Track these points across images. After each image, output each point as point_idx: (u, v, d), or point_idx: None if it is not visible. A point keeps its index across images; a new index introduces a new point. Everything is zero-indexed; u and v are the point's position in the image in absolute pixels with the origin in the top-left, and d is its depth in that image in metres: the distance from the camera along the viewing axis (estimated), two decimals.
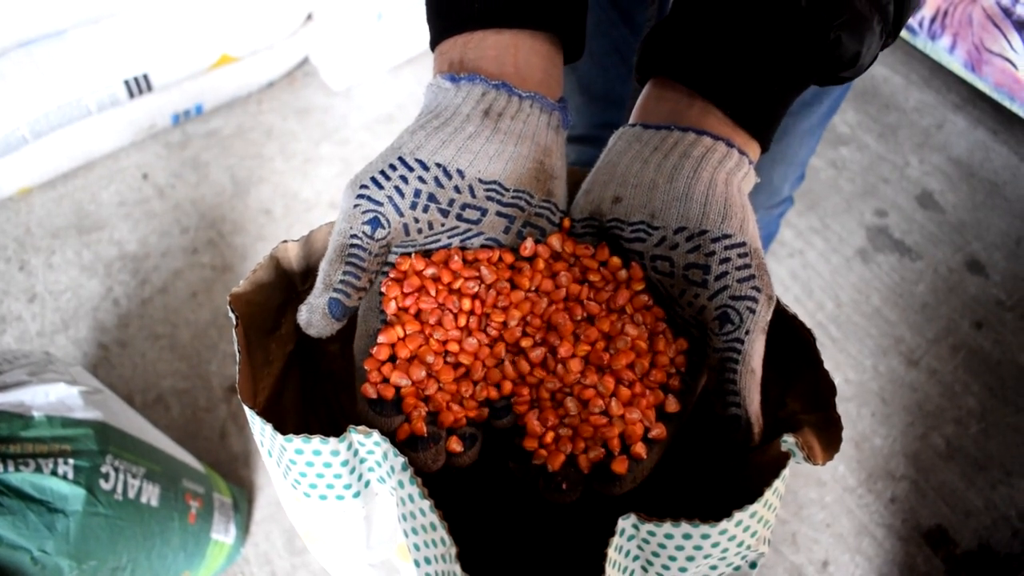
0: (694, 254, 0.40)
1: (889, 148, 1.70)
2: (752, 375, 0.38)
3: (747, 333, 0.38)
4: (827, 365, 1.36)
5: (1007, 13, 1.44)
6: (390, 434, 0.38)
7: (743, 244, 0.40)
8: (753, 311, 0.39)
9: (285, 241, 0.42)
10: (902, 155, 1.69)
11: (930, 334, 1.41)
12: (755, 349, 0.39)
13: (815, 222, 1.57)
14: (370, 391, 0.39)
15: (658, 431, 0.40)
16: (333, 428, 0.37)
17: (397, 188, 0.41)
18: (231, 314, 0.39)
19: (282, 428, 0.36)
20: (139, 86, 1.46)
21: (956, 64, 1.60)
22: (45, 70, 1.34)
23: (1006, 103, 1.55)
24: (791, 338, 0.42)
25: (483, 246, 0.44)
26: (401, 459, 0.34)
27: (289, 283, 0.45)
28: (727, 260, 0.39)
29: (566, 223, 0.45)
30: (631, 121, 0.46)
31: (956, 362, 1.38)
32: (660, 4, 0.80)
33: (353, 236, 0.40)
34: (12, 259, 1.43)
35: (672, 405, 0.41)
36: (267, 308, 0.43)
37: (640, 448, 0.39)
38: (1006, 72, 1.51)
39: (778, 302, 0.41)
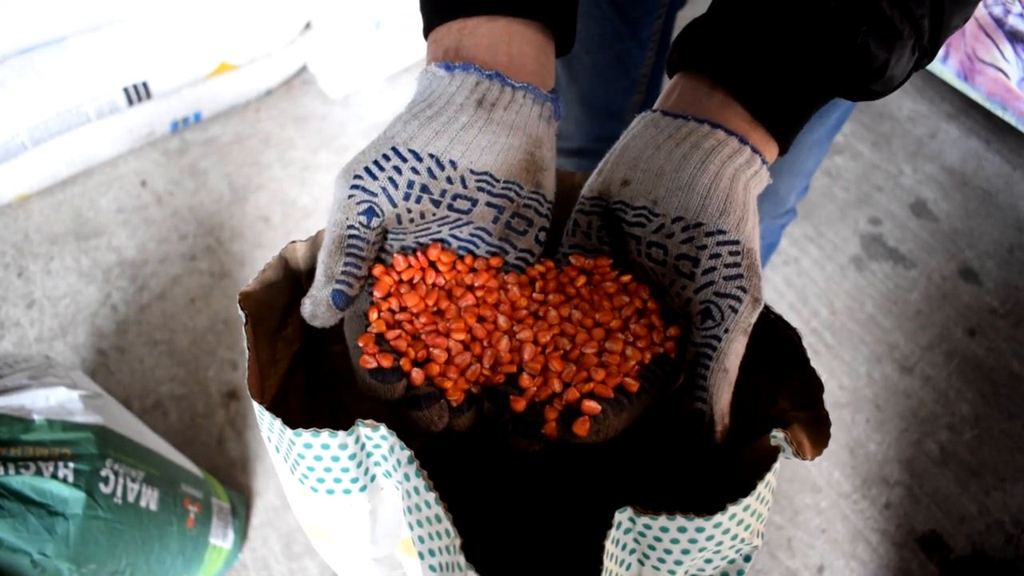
0: (687, 245, 0.41)
1: (883, 157, 1.72)
2: (724, 374, 0.38)
3: (726, 331, 0.39)
4: (822, 372, 1.37)
5: (999, 23, 1.46)
6: (393, 401, 0.39)
7: (736, 242, 0.40)
8: (735, 310, 0.39)
9: (294, 241, 0.43)
10: (896, 164, 1.70)
11: (924, 341, 1.42)
12: (732, 349, 0.39)
13: (810, 230, 1.59)
14: (369, 361, 0.39)
15: (634, 385, 0.40)
16: (336, 428, 0.37)
17: (391, 179, 0.41)
18: (240, 312, 0.40)
19: (288, 426, 0.36)
20: (138, 93, 1.47)
21: (949, 74, 1.62)
22: (45, 77, 1.35)
23: (998, 112, 1.57)
24: (779, 339, 0.43)
25: (471, 235, 0.44)
26: (408, 452, 0.35)
27: (296, 283, 0.46)
28: (717, 256, 0.40)
29: (548, 264, 0.46)
30: (654, 107, 0.46)
31: (950, 369, 1.39)
32: (666, 18, 0.80)
33: (351, 227, 0.41)
34: (11, 265, 1.43)
35: (632, 386, 0.40)
36: (275, 308, 0.44)
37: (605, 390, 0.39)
38: (998, 82, 1.53)
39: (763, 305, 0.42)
